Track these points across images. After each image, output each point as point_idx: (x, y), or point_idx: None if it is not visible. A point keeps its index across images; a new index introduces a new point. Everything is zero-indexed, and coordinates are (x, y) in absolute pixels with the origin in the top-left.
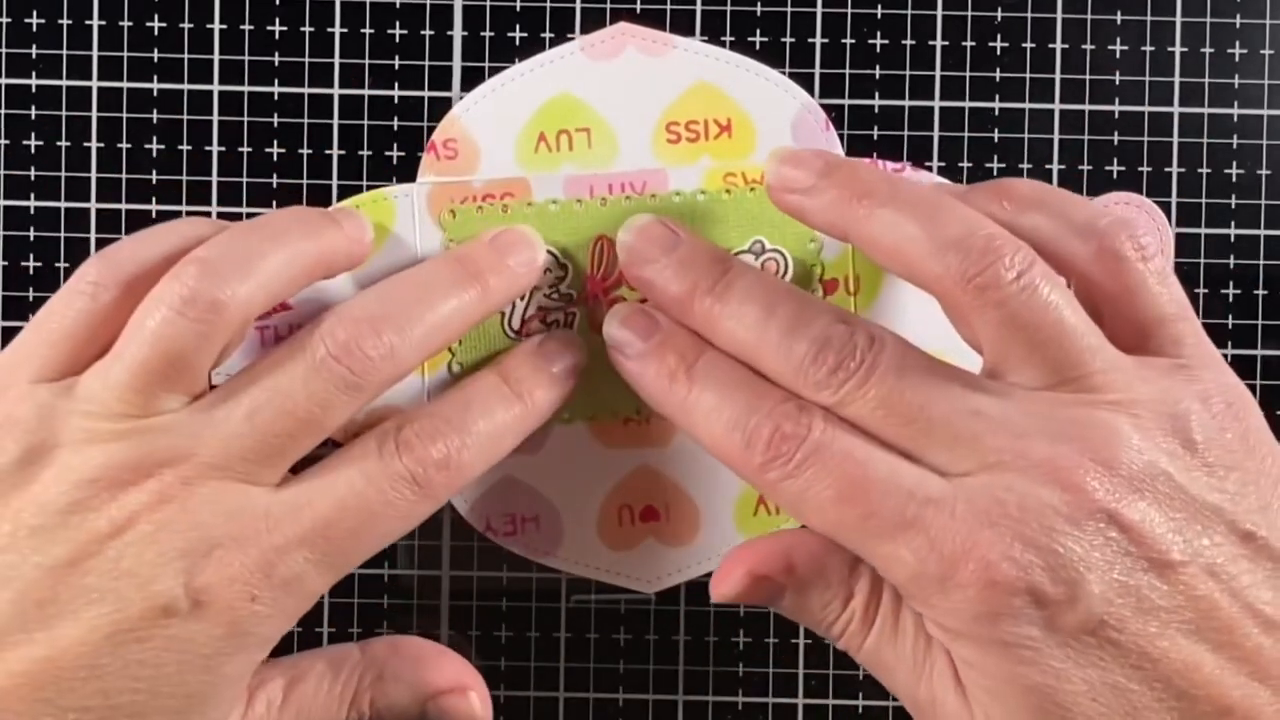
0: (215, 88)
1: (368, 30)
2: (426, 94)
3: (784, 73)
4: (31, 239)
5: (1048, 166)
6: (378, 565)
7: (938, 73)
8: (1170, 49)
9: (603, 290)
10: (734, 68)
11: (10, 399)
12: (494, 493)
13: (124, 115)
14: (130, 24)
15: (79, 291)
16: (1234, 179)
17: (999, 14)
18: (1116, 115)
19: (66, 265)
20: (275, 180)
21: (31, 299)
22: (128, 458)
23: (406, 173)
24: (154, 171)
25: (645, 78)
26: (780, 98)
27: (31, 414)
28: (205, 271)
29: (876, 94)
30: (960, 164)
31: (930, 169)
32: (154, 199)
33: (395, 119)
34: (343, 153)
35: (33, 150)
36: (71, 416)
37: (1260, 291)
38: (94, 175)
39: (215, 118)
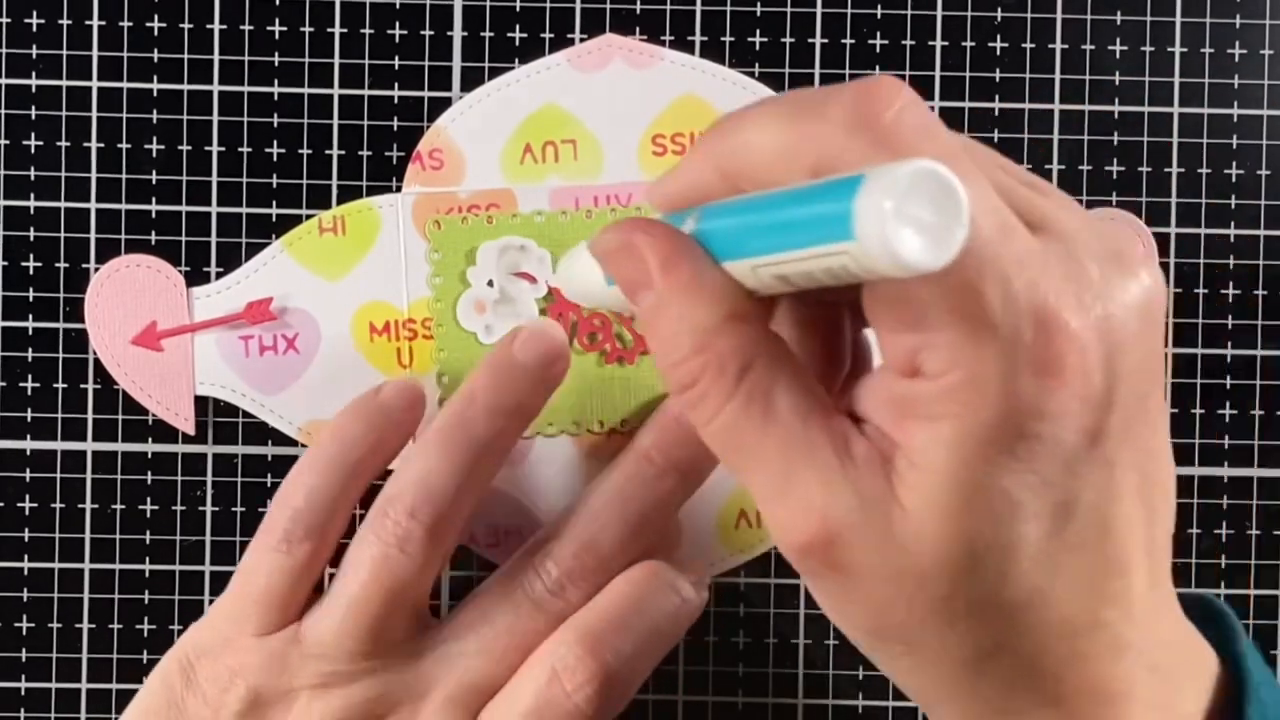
0: (215, 88)
1: (368, 30)
2: (426, 94)
3: (784, 73)
4: (31, 239)
5: (1048, 167)
6: None
7: (937, 73)
8: (1170, 49)
9: (572, 307)
10: (720, 81)
11: (238, 650)
12: (479, 505)
13: (124, 115)
14: (130, 24)
15: (273, 549)
16: (1234, 179)
17: (999, 14)
18: (1116, 115)
19: (66, 265)
20: (275, 180)
21: (31, 299)
22: (367, 698)
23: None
24: (154, 171)
25: (632, 90)
26: None
27: (263, 661)
28: (410, 509)
29: None
30: None
31: None
32: (154, 199)
33: (395, 119)
34: (343, 153)
35: (33, 150)
36: (306, 661)
37: (1260, 291)
38: (94, 175)
39: (215, 118)
